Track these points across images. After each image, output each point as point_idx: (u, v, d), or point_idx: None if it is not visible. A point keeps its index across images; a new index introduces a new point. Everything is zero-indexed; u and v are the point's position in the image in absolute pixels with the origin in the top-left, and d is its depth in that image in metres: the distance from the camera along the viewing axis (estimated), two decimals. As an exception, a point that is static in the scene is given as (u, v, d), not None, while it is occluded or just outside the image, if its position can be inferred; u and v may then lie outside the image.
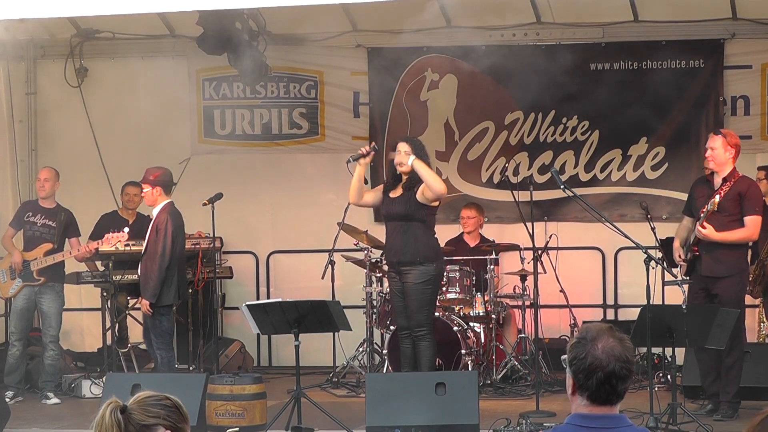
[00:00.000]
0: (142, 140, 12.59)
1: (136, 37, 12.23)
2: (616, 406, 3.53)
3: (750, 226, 8.94)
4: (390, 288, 9.71)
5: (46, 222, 10.67)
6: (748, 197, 8.90)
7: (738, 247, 9.00)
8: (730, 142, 8.96)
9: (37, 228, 10.67)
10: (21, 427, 9.13)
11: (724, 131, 9.26)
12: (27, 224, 10.69)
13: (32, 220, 10.69)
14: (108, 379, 9.04)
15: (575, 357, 3.51)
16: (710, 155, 8.97)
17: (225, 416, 8.59)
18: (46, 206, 10.75)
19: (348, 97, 12.43)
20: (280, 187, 12.39)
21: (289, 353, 9.49)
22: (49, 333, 10.59)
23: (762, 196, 9.28)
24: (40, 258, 10.53)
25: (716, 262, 8.93)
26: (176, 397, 3.34)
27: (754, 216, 8.91)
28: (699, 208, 9.04)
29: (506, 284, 11.55)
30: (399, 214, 9.31)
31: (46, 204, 10.76)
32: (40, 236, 10.65)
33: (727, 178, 8.94)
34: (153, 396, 3.30)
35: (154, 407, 3.27)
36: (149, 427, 3.24)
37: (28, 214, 10.73)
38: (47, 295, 10.58)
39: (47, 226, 10.66)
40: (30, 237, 10.70)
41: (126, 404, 3.26)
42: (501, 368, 10.70)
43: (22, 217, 10.75)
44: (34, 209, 10.77)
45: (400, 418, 8.21)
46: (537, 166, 12.05)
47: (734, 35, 11.64)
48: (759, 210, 8.99)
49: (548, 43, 12.02)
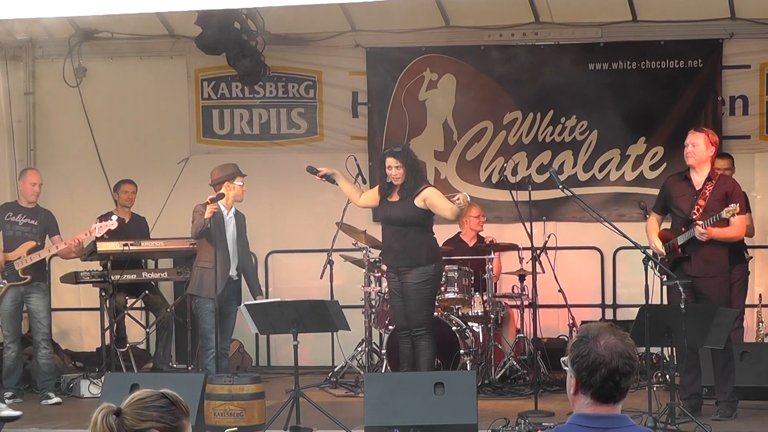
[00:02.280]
0: (140, 140, 12.61)
1: (135, 37, 12.23)
2: (619, 406, 3.53)
3: (740, 225, 8.96)
4: (389, 288, 9.71)
5: (28, 221, 10.54)
6: (734, 196, 8.89)
7: (724, 246, 8.97)
8: (712, 140, 8.98)
9: (18, 227, 10.53)
10: (20, 427, 9.13)
11: (706, 129, 9.27)
12: (8, 224, 10.53)
13: (13, 220, 10.54)
14: (106, 379, 9.03)
15: (578, 355, 3.51)
16: (691, 151, 8.92)
17: (223, 416, 8.58)
18: (27, 206, 10.61)
19: (347, 97, 12.43)
20: (278, 187, 12.38)
21: (288, 353, 9.50)
22: (40, 332, 10.51)
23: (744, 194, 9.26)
24: (24, 257, 10.40)
25: (705, 262, 8.93)
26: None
27: (741, 215, 8.92)
28: (681, 207, 9.02)
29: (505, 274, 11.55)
30: (397, 219, 9.30)
31: (26, 204, 10.63)
32: (22, 235, 10.51)
33: (710, 177, 8.95)
34: (147, 397, 3.25)
35: (147, 410, 3.23)
36: (142, 431, 3.21)
37: (8, 214, 10.56)
38: (34, 294, 10.49)
39: (29, 225, 10.53)
40: (11, 237, 10.53)
41: (120, 407, 3.23)
42: (499, 368, 10.70)
43: (2, 218, 10.56)
44: (14, 210, 10.61)
45: (398, 418, 8.20)
46: (535, 165, 12.05)
47: (733, 35, 11.64)
48: (745, 209, 9.03)
49: (547, 43, 12.02)
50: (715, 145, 9.00)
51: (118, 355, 11.01)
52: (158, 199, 11.95)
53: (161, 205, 11.96)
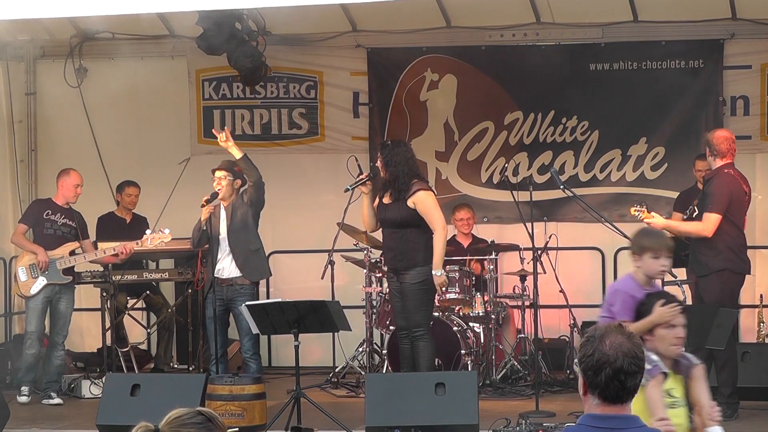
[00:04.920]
0: (141, 140, 12.62)
1: (136, 37, 12.23)
2: (628, 406, 3.54)
3: (704, 222, 8.87)
4: (389, 289, 9.71)
5: (67, 222, 10.47)
6: (708, 193, 8.90)
7: (710, 245, 8.88)
8: (715, 146, 8.97)
9: (58, 227, 10.45)
10: (21, 427, 9.13)
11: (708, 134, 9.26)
12: (47, 222, 10.43)
13: (52, 218, 10.44)
14: (107, 380, 9.03)
15: (584, 355, 3.55)
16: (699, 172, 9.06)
17: (225, 416, 8.56)
18: (63, 205, 10.52)
19: (348, 98, 12.43)
20: (279, 187, 12.35)
21: (289, 353, 9.49)
22: (61, 334, 10.47)
23: (726, 193, 8.93)
24: (66, 257, 10.36)
25: (695, 261, 8.98)
26: (175, 396, 3.32)
27: (707, 213, 8.86)
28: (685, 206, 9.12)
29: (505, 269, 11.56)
30: (393, 221, 9.28)
31: (62, 203, 10.54)
32: (62, 235, 10.44)
33: (710, 176, 9.01)
34: (184, 415, 3.26)
35: (185, 427, 3.23)
36: None
37: (47, 212, 10.45)
38: (66, 296, 10.46)
39: (68, 226, 10.46)
40: (51, 235, 10.42)
41: (158, 426, 3.23)
42: (500, 368, 10.70)
43: (40, 214, 10.46)
44: (52, 208, 10.50)
45: (399, 419, 8.20)
46: (537, 166, 12.05)
47: (734, 35, 11.63)
48: (716, 208, 8.83)
49: (548, 43, 12.02)
50: (710, 145, 8.98)
51: (119, 356, 11.01)
52: (159, 200, 11.94)
53: (162, 205, 11.95)
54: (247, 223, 9.72)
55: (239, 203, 9.75)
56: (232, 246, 9.66)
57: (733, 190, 8.96)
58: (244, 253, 9.71)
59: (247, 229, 9.72)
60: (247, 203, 9.70)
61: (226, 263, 9.68)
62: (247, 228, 9.72)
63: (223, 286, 9.64)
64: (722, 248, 8.92)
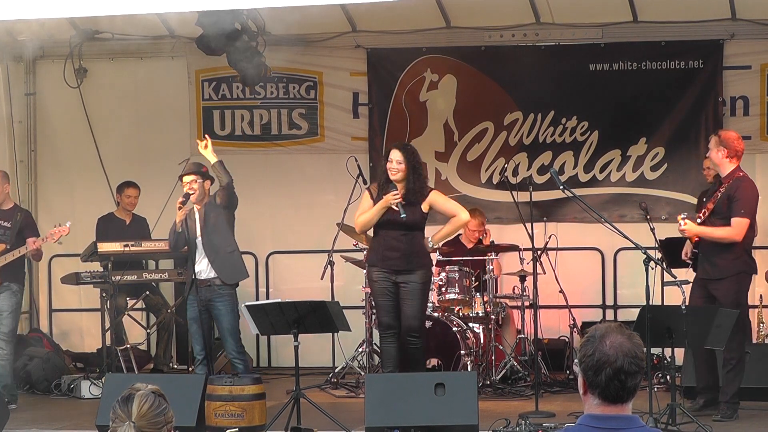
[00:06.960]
0: (141, 141, 12.61)
1: (136, 37, 12.21)
2: (628, 406, 3.54)
3: (734, 227, 8.85)
4: (378, 288, 9.31)
5: (1, 223, 10.33)
6: (736, 198, 8.86)
7: (730, 249, 8.87)
8: (723, 142, 8.92)
9: None
10: (20, 428, 9.12)
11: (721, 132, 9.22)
12: None
13: None
14: (107, 380, 9.04)
15: (584, 354, 3.54)
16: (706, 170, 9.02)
17: (224, 417, 8.58)
18: (2, 208, 10.38)
19: (347, 98, 12.43)
20: (279, 187, 12.39)
21: (289, 354, 9.49)
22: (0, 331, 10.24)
23: (754, 197, 8.99)
24: None
25: (711, 264, 8.92)
26: (175, 397, 3.38)
27: (738, 218, 8.82)
28: (700, 207, 9.06)
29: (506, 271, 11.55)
30: (406, 223, 9.18)
31: (1, 206, 10.39)
32: None
33: (726, 178, 8.93)
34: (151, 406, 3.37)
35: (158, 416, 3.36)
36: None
37: None
38: (2, 294, 10.20)
39: (2, 227, 10.31)
40: None
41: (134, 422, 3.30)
42: (500, 369, 10.70)
43: None
44: None
45: (399, 419, 8.21)
46: (536, 166, 12.05)
47: (733, 36, 11.64)
48: (746, 213, 8.85)
49: (547, 44, 12.02)
50: (725, 144, 8.93)
51: (118, 356, 11.00)
52: (159, 200, 11.92)
53: (162, 205, 11.94)
54: (220, 226, 9.56)
55: (212, 205, 9.61)
56: (206, 248, 9.54)
57: (756, 194, 9.01)
58: (219, 255, 9.55)
59: (221, 232, 9.56)
60: (219, 205, 9.60)
61: (203, 265, 9.55)
62: (220, 230, 9.56)
63: (202, 287, 9.50)
64: (740, 252, 8.93)
